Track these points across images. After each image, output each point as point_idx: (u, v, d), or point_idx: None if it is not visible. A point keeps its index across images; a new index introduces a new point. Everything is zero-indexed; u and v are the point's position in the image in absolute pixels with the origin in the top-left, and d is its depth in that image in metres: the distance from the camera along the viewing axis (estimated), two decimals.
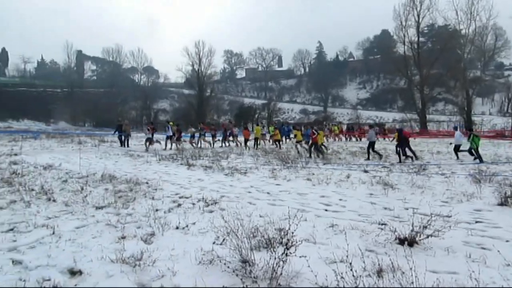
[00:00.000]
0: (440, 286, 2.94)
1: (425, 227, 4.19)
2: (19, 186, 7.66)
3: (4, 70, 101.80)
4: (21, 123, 71.69)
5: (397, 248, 3.96)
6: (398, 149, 14.18)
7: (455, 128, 18.78)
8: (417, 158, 14.15)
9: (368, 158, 14.50)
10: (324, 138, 17.88)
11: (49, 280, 3.22)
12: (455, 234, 4.52)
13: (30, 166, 11.55)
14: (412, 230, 4.20)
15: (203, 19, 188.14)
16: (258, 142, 21.31)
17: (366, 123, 52.21)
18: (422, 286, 2.78)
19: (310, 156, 15.09)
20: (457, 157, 14.41)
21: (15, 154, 15.48)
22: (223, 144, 22.34)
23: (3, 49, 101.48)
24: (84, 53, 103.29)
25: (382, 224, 4.97)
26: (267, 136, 24.48)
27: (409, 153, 14.26)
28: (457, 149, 14.73)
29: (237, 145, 22.17)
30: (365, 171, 10.67)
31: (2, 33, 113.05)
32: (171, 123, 21.45)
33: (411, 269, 2.85)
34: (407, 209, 6.02)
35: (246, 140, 20.92)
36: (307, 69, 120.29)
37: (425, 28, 56.19)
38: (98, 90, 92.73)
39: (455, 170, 10.76)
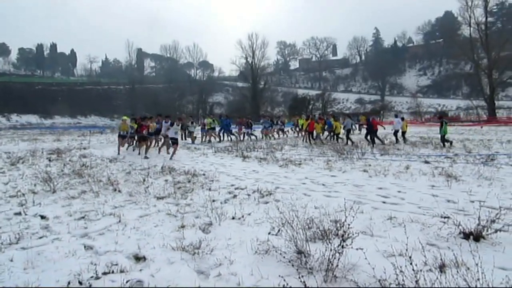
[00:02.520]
0: (510, 283, 2.75)
1: (493, 221, 3.92)
2: (88, 178, 8.27)
3: (73, 70, 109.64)
4: (88, 119, 77.08)
5: (462, 243, 3.74)
6: (368, 136, 16.61)
7: (395, 116, 19.61)
8: (383, 143, 16.35)
9: (347, 143, 16.66)
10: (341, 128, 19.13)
11: (116, 265, 3.45)
12: None
13: (98, 159, 12.40)
14: (478, 224, 3.94)
15: (256, 11, 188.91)
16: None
17: (428, 112, 49.58)
18: (489, 283, 2.61)
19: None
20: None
21: (84, 148, 16.71)
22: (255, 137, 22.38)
23: (72, 50, 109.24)
24: (144, 51, 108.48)
25: (444, 217, 4.72)
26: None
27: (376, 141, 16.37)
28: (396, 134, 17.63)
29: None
30: (426, 162, 10.17)
31: (71, 36, 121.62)
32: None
33: (477, 265, 2.68)
34: (472, 202, 5.65)
35: (310, 134, 19.49)
36: (363, 57, 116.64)
37: (494, 7, 52.03)
38: (157, 86, 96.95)
39: None
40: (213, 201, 6.04)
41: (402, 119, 18.31)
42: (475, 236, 3.89)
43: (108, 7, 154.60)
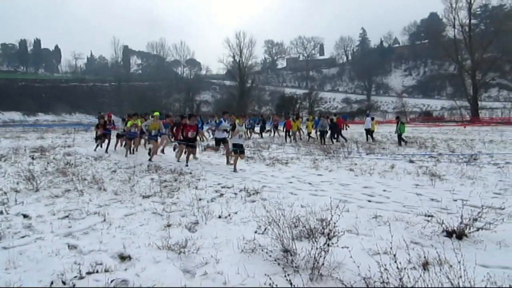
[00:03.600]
0: (491, 280, 2.81)
1: (475, 220, 4.00)
2: (72, 176, 8.14)
3: (58, 67, 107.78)
4: (73, 116, 75.85)
5: (445, 241, 3.81)
6: (333, 135, 18.31)
7: (367, 115, 20.76)
8: (346, 141, 17.78)
9: (321, 143, 17.24)
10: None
11: (101, 264, 3.41)
12: (509, 227, 4.27)
13: (82, 157, 12.23)
14: (461, 223, 4.01)
15: (244, 10, 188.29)
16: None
17: (413, 111, 50.26)
18: (471, 281, 2.67)
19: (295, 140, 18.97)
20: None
21: (69, 146, 16.45)
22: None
23: (56, 46, 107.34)
24: (130, 48, 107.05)
25: (428, 216, 4.80)
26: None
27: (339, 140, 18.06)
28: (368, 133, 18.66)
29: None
30: (411, 161, 10.32)
31: (54, 31, 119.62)
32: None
33: (459, 262, 2.73)
34: (455, 200, 5.76)
35: (287, 132, 20.44)
36: (349, 57, 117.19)
37: (478, 9, 52.91)
38: (144, 84, 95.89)
39: (510, 160, 10.13)
40: (200, 199, 6.02)
41: (372, 118, 19.30)
42: (458, 234, 3.96)
43: (94, 3, 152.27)
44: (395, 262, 2.70)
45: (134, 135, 13.66)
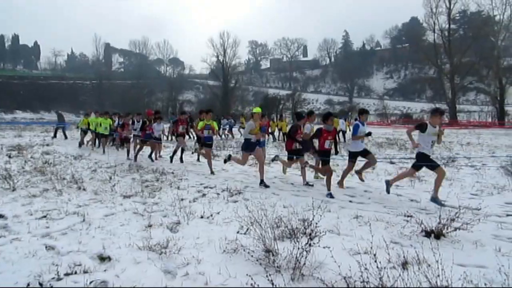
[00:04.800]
0: (467, 279, 2.88)
1: (452, 220, 4.09)
2: (51, 175, 7.96)
3: (37, 64, 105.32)
4: (52, 114, 74.06)
5: (423, 241, 3.88)
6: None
7: (340, 117, 21.36)
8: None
9: None
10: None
11: (80, 265, 3.34)
12: (485, 227, 4.40)
13: (62, 156, 11.98)
14: (439, 223, 4.10)
15: (228, 9, 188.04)
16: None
17: (394, 114, 51.14)
18: (449, 279, 2.73)
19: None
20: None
21: (47, 145, 16.08)
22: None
23: (35, 43, 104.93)
24: (112, 46, 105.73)
25: (408, 216, 4.88)
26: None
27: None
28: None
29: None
30: (391, 163, 10.48)
31: (33, 27, 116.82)
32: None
33: (437, 261, 2.79)
34: None
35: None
36: (332, 59, 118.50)
37: (457, 15, 54.23)
38: (126, 82, 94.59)
39: (486, 162, 10.41)
40: (182, 200, 5.97)
41: (345, 119, 20.56)
42: (436, 234, 4.05)
43: None
44: (375, 261, 2.73)
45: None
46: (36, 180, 7.55)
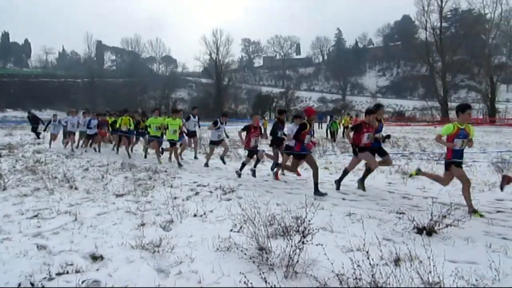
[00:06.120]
0: (459, 275, 2.91)
1: (444, 217, 4.12)
2: (42, 174, 7.89)
3: (27, 61, 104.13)
4: (43, 112, 73.35)
5: (415, 238, 3.92)
6: None
7: (328, 115, 24.31)
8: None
9: None
10: None
11: (72, 264, 3.31)
12: (476, 224, 4.45)
13: (53, 154, 11.87)
14: (431, 220, 4.13)
15: (221, 7, 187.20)
16: None
17: (386, 111, 51.38)
18: (441, 275, 2.75)
19: None
20: None
21: (39, 143, 15.93)
22: None
23: (26, 40, 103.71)
24: (104, 44, 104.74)
25: (400, 213, 4.92)
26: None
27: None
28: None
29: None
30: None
31: (24, 24, 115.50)
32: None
33: (429, 258, 2.82)
34: (426, 198, 5.94)
35: None
36: (325, 57, 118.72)
37: (448, 13, 54.56)
38: (118, 80, 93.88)
39: (477, 159, 10.51)
40: (175, 198, 5.95)
41: (331, 117, 21.69)
42: (428, 230, 4.08)
43: None
44: (368, 258, 2.75)
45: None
46: (27, 179, 7.48)
